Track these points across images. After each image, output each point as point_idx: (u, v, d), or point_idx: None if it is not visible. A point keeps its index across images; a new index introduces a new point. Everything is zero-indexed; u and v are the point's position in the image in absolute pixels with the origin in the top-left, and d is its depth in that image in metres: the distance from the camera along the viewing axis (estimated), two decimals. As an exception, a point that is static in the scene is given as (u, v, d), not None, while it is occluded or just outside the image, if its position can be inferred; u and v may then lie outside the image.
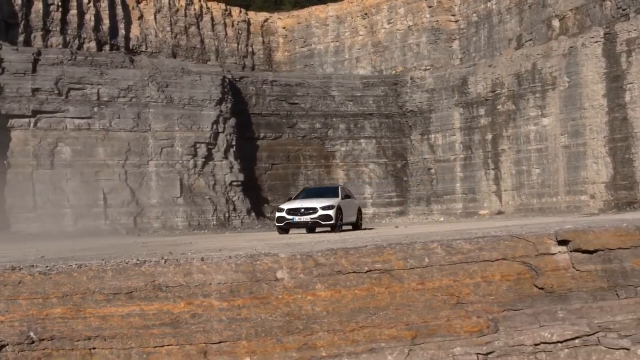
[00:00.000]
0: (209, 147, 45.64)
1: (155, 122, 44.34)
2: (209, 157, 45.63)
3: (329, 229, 22.25)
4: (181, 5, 56.27)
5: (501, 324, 10.48)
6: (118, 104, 43.56)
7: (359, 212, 25.49)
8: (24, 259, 12.04)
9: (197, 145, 45.28)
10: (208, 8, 57.81)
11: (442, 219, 47.05)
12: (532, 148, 44.43)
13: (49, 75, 41.93)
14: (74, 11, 50.57)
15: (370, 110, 50.61)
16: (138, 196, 43.67)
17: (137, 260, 10.05)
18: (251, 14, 61.17)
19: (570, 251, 11.34)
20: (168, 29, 54.91)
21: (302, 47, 60.24)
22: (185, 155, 44.91)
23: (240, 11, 59.91)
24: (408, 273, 10.16)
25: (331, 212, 21.72)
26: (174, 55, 54.77)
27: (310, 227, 22.25)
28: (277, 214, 22.76)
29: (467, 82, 47.76)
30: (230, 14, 58.92)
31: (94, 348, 9.46)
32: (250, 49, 58.85)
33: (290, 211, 22.24)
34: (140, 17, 54.34)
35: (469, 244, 10.68)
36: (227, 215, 45.39)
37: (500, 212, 45.71)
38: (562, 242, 11.63)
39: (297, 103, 49.44)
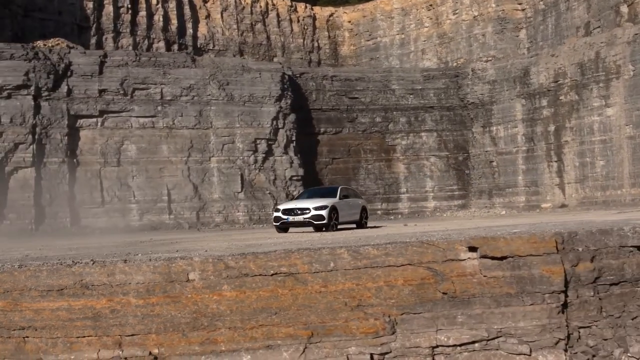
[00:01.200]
0: (269, 142, 46.61)
1: (217, 120, 45.67)
2: (269, 153, 46.61)
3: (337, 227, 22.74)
4: (247, 3, 57.56)
5: (398, 326, 10.90)
6: (181, 102, 45.14)
7: (363, 211, 25.87)
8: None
9: (258, 141, 46.32)
10: (274, 5, 58.86)
11: (503, 212, 46.47)
12: (595, 139, 43.23)
13: (115, 76, 43.88)
14: (143, 13, 52.69)
15: (431, 103, 50.36)
16: (200, 191, 45.14)
17: (72, 261, 10.95)
18: (317, 9, 61.80)
19: (479, 257, 11.45)
20: (234, 26, 56.30)
21: (368, 40, 60.44)
22: (246, 151, 46.06)
23: (306, 7, 60.66)
24: (312, 276, 10.77)
25: (323, 212, 22.33)
26: (241, 53, 56.18)
27: (317, 227, 22.73)
28: (274, 214, 23.57)
29: (529, 73, 46.84)
30: (295, 10, 59.79)
31: (27, 337, 10.46)
32: (316, 44, 59.55)
33: (286, 211, 23.06)
34: (208, 16, 55.97)
35: (376, 250, 11.09)
36: (287, 209, 46.23)
37: (563, 206, 44.72)
38: (473, 249, 11.71)
39: (357, 97, 49.77)
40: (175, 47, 54.05)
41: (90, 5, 50.41)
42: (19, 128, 41.16)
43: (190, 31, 55.35)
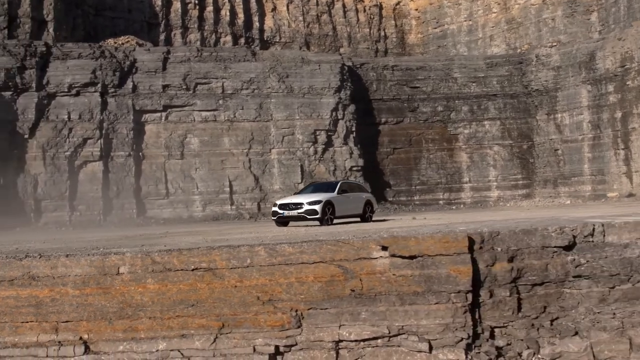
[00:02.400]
0: (329, 133, 47.10)
1: (277, 112, 46.53)
2: (328, 144, 47.10)
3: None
4: (313, -6, 58.17)
5: (305, 320, 11.38)
6: (241, 95, 46.24)
7: (368, 205, 26.03)
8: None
9: (317, 133, 46.88)
10: (340, -5, 59.22)
11: (568, 202, 45.34)
12: (664, 126, 41.58)
13: (178, 72, 45.41)
14: (210, 8, 54.10)
15: (494, 90, 49.49)
16: (261, 182, 46.17)
17: (25, 255, 11.91)
18: (383, -2, 61.75)
19: (390, 256, 11.61)
20: (300, 18, 56.94)
21: (435, 28, 59.83)
22: (306, 143, 46.71)
23: (372, -4, 60.72)
24: (230, 272, 11.51)
25: (316, 207, 22.79)
26: (307, 45, 56.79)
27: (321, 220, 23.20)
28: (272, 209, 24.15)
29: (595, 58, 45.35)
30: (361, 0, 59.85)
31: (-22, 321, 11.53)
32: (382, 34, 59.47)
33: (282, 206, 23.80)
34: (274, 9, 56.85)
35: (291, 247, 11.60)
36: (347, 199, 46.64)
37: (630, 195, 43.18)
38: (385, 247, 11.86)
39: (418, 87, 49.53)
40: (242, 40, 55.25)
41: (159, 2, 52.17)
42: (87, 124, 43.28)
43: (256, 24, 56.38)
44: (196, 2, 53.54)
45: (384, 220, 27.11)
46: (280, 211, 23.53)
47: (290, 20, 57.03)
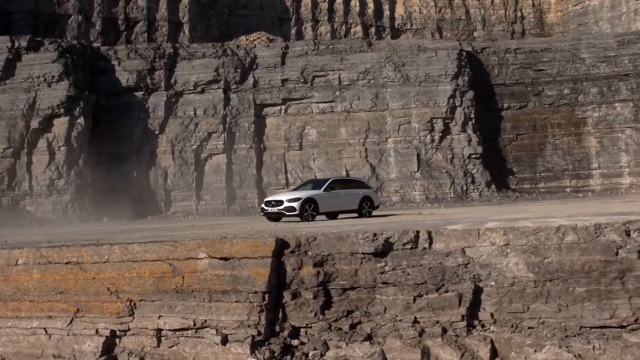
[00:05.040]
0: (446, 121, 46.73)
1: (393, 101, 46.92)
2: (446, 132, 46.76)
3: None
4: (445, -22, 57.41)
5: (137, 310, 13.67)
6: (357, 86, 47.17)
7: (365, 200, 26.18)
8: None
9: (434, 121, 46.69)
10: (473, -23, 57.93)
11: None
12: None
13: (296, 66, 47.26)
14: (340, 0, 55.38)
15: (626, 70, 46.23)
16: (378, 172, 46.89)
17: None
18: (519, -24, 59.39)
19: (208, 257, 12.70)
20: (432, 4, 56.50)
21: (575, 5, 56.71)
22: (422, 131, 46.71)
23: (508, -25, 58.67)
24: (92, 266, 13.93)
25: (295, 205, 23.84)
26: (439, 30, 56.29)
27: (300, 216, 24.19)
28: (261, 205, 25.25)
29: None
30: (496, -19, 58.16)
31: None
32: (519, 14, 57.41)
33: (267, 203, 25.01)
34: (404, -4, 56.97)
35: (139, 247, 13.29)
36: (464, 188, 46.16)
37: None
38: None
39: (543, 69, 47.53)
40: (372, 30, 55.97)
41: (290, -3, 54.33)
42: (211, 119, 46.41)
43: (387, 13, 56.77)
44: (326, -6, 55.10)
45: (388, 215, 27.37)
46: (266, 208, 24.83)
47: (422, 6, 56.78)
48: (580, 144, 46.90)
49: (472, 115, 46.71)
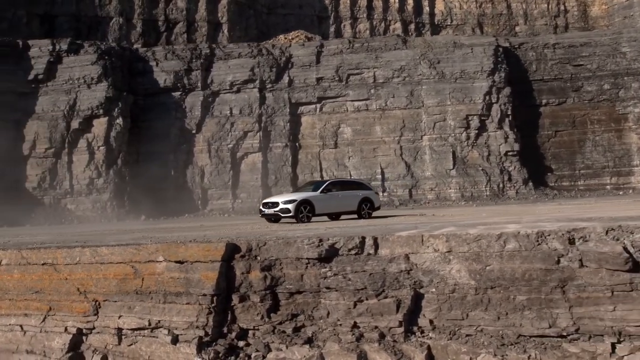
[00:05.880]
0: (482, 118, 46.22)
1: (428, 98, 46.67)
2: (482, 129, 46.25)
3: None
4: (489, -27, 56.55)
5: (101, 310, 14.42)
6: (392, 84, 47.09)
7: (364, 202, 26.04)
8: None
9: (470, 118, 46.24)
10: (515, -29, 56.83)
11: None
12: None
13: (330, 64, 47.50)
14: (379, -4, 55.32)
15: (670, 64, 44.81)
16: (413, 169, 46.74)
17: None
18: (563, -31, 57.98)
19: (165, 260, 13.19)
20: (473, -1, 55.87)
21: (622, -3, 55.07)
22: (458, 128, 46.32)
23: (551, -32, 57.37)
24: (65, 267, 14.84)
25: (290, 206, 23.92)
26: (480, 26, 55.55)
27: (295, 218, 24.22)
28: (259, 207, 25.45)
29: None
30: (539, -26, 56.96)
31: None
32: (562, 8, 56.13)
33: (264, 204, 25.11)
34: (445, -8, 56.41)
35: (106, 249, 14.03)
36: (500, 186, 45.61)
37: None
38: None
39: (582, 64, 46.47)
40: (412, 26, 55.65)
41: (329, -5, 54.51)
42: (247, 118, 47.10)
43: (426, 9, 56.37)
44: (365, -8, 55.04)
45: (386, 217, 27.28)
46: (263, 209, 25.08)
47: (462, 1, 56.13)
48: (621, 141, 45.72)
49: (509, 112, 46.06)
